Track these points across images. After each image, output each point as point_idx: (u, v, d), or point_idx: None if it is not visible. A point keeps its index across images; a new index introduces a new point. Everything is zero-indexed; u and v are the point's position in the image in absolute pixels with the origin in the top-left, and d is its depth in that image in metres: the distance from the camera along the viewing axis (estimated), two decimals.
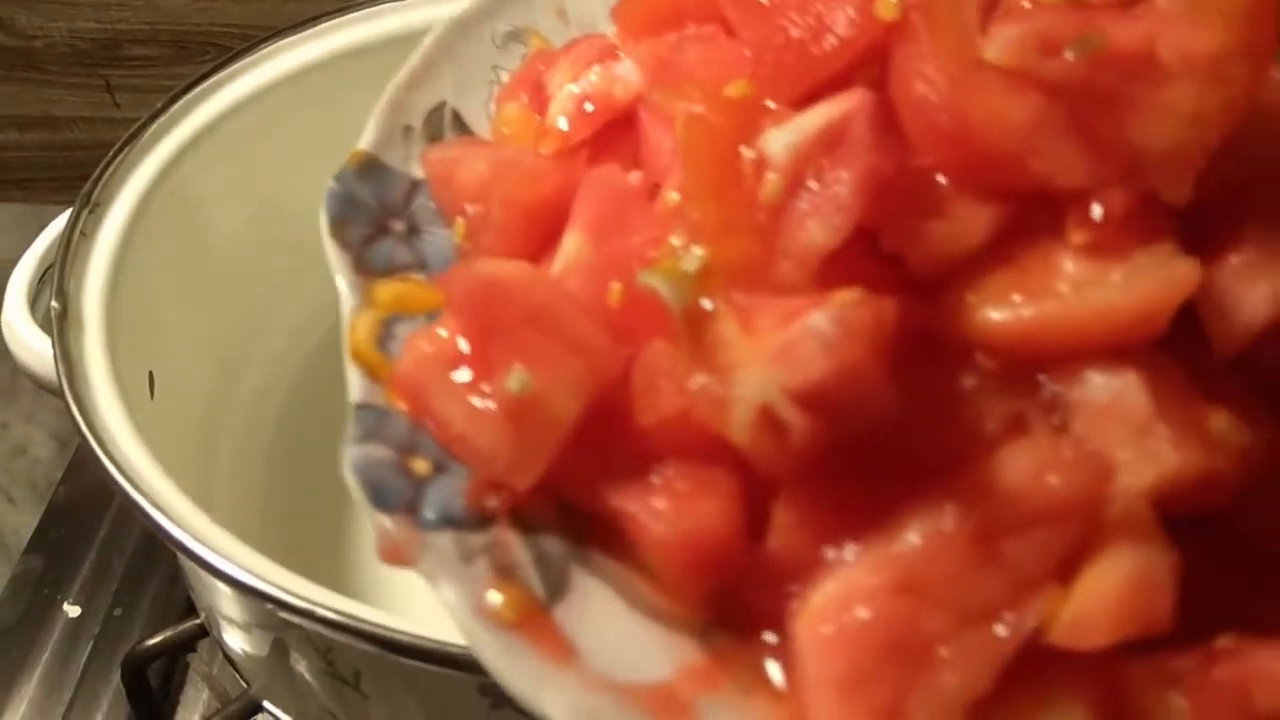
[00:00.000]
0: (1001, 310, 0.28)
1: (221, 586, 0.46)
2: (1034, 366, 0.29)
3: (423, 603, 0.33)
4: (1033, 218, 0.29)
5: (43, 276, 0.58)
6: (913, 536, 0.28)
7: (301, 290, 0.68)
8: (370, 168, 0.40)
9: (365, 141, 0.41)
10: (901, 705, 0.27)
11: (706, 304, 0.29)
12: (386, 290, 0.37)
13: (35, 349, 0.54)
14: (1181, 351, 0.29)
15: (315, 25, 0.65)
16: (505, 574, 0.30)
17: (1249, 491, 0.28)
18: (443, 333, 0.32)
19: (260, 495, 0.65)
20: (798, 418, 0.27)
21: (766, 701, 0.29)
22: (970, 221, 0.29)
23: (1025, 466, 0.28)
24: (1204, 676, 0.27)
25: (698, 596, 0.30)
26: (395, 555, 0.31)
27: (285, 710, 0.57)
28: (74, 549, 0.75)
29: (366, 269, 0.38)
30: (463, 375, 0.31)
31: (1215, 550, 0.29)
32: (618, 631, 0.30)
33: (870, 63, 0.30)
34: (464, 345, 0.31)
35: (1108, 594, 0.27)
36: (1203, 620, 0.27)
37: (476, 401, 0.31)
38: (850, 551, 0.28)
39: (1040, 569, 0.27)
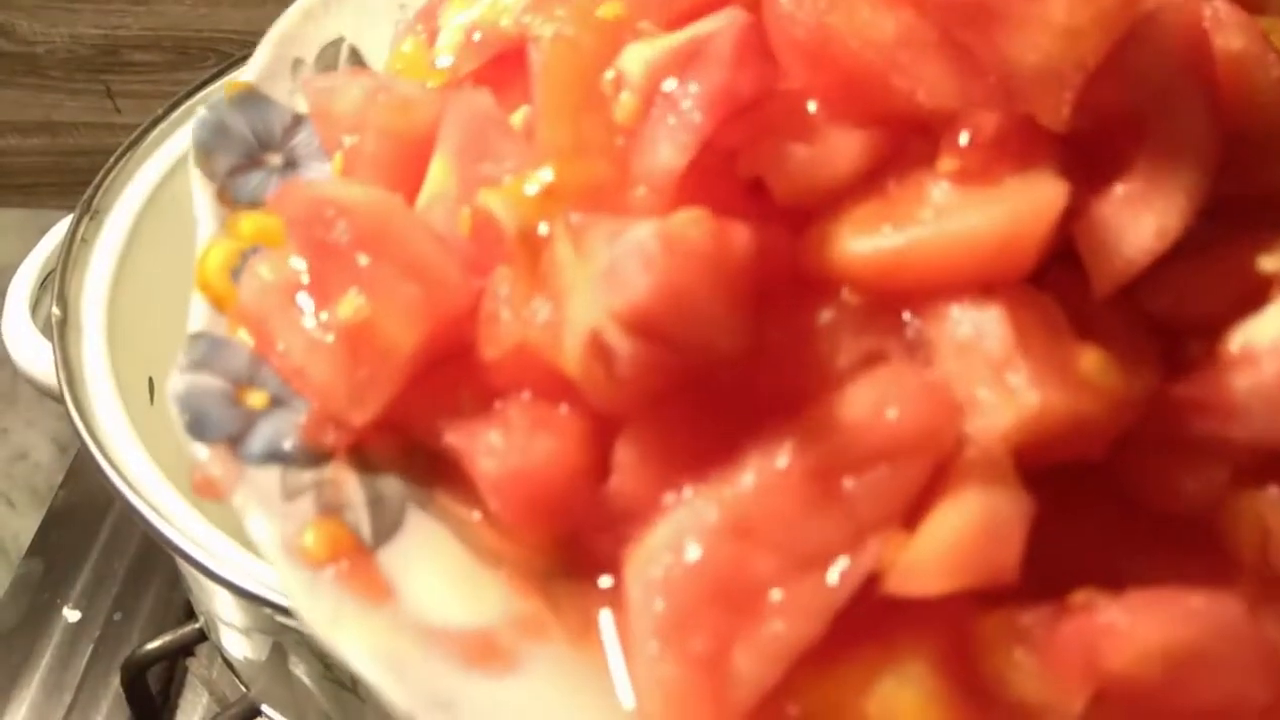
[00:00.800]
0: (863, 240, 0.27)
1: (221, 591, 0.47)
2: (897, 301, 0.27)
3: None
4: (906, 146, 0.27)
5: (43, 282, 0.58)
6: (748, 477, 0.26)
7: None
8: (249, 98, 0.38)
9: (248, 72, 0.39)
10: (725, 652, 0.25)
11: (543, 228, 0.27)
12: (250, 221, 0.35)
13: (36, 354, 0.54)
14: (1063, 290, 0.27)
15: None
16: (329, 512, 0.28)
17: (1126, 440, 0.26)
18: (288, 259, 0.30)
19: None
20: (625, 344, 0.25)
21: (594, 650, 0.27)
22: (838, 149, 0.27)
23: (866, 400, 0.26)
24: (1052, 631, 0.25)
25: (537, 540, 0.28)
26: (208, 488, 0.29)
27: (284, 714, 0.57)
28: (74, 554, 0.75)
29: (231, 200, 0.36)
30: (301, 303, 0.29)
31: (1087, 500, 0.27)
32: (447, 576, 0.28)
33: None
34: (303, 271, 0.29)
35: (948, 539, 0.25)
36: (1065, 575, 0.25)
37: (315, 331, 0.29)
38: (688, 493, 0.26)
39: (881, 512, 0.25)
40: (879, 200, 0.27)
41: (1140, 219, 0.26)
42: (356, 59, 0.41)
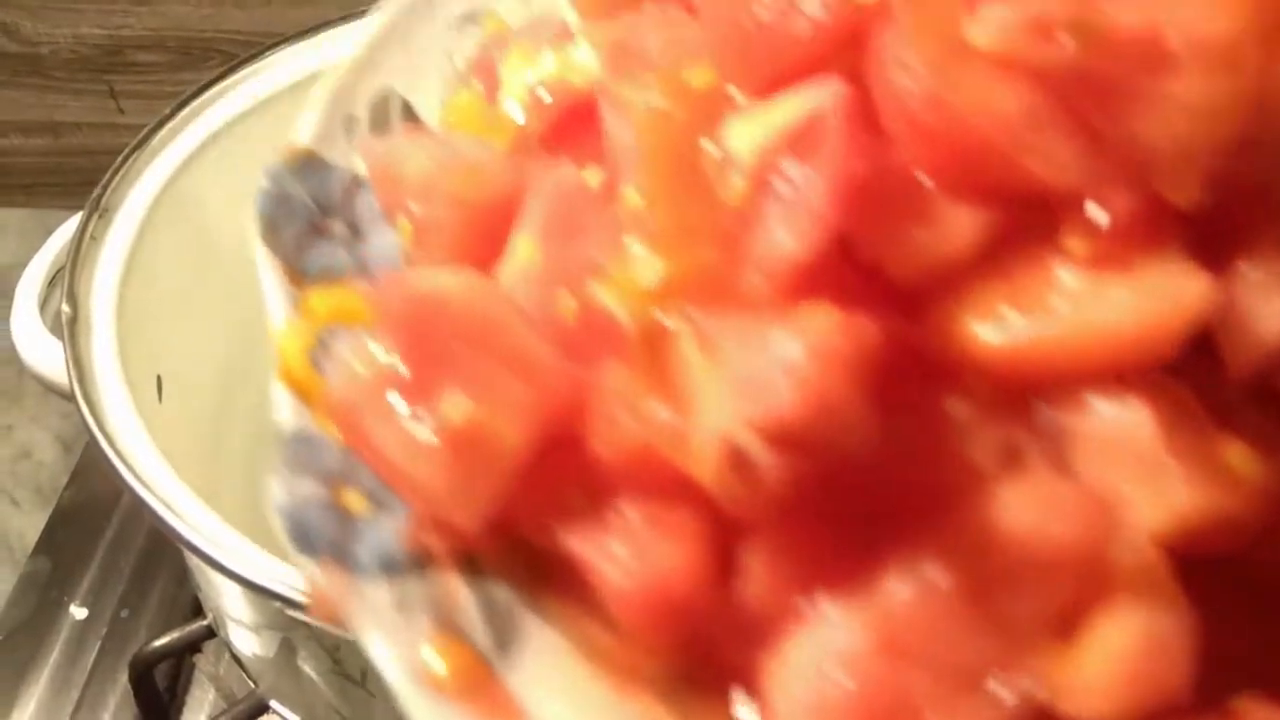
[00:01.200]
0: (994, 329, 0.25)
1: (230, 586, 0.47)
2: (1029, 390, 0.26)
3: None
4: (1026, 223, 0.26)
5: (51, 280, 0.58)
6: (898, 589, 0.24)
7: None
8: (308, 163, 0.36)
9: (303, 134, 0.37)
10: None
11: (665, 322, 0.26)
12: (322, 299, 0.33)
13: (45, 351, 0.55)
14: (1191, 372, 0.26)
15: (322, 32, 0.65)
16: (447, 627, 0.27)
17: (1266, 531, 0.25)
18: (377, 350, 0.28)
19: (268, 494, 0.65)
20: (768, 456, 0.24)
21: None
22: (956, 227, 0.26)
23: (1024, 510, 0.24)
24: None
25: (661, 647, 0.27)
26: (326, 610, 0.27)
27: (292, 710, 0.57)
28: (81, 551, 0.75)
29: (300, 276, 0.34)
30: (400, 400, 0.27)
31: (1225, 597, 0.26)
32: (572, 689, 0.27)
33: (846, 46, 0.27)
34: (401, 365, 0.28)
35: (1113, 659, 0.24)
36: (1215, 677, 0.24)
37: (416, 430, 0.27)
38: (828, 603, 0.25)
39: (1039, 625, 0.24)
40: (1001, 282, 0.26)
41: (1276, 301, 0.25)
42: (409, 113, 0.39)
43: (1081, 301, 0.25)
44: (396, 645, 0.27)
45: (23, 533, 0.85)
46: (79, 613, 0.73)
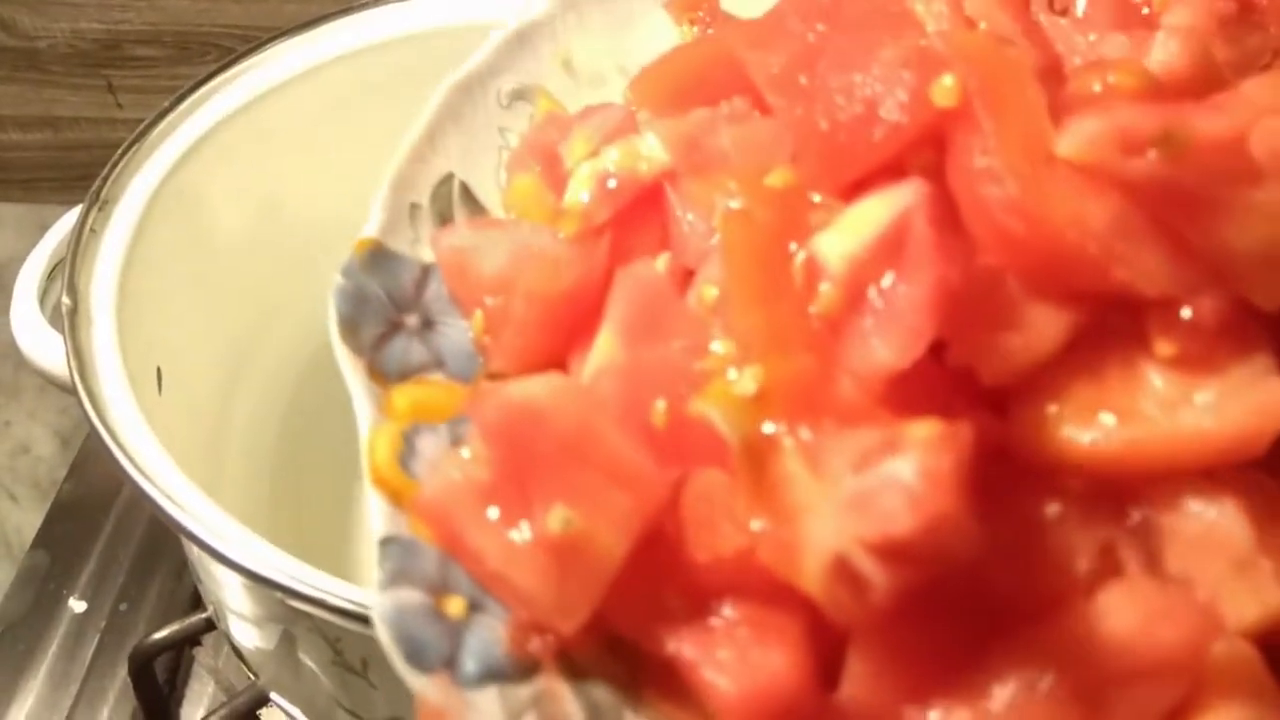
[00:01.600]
0: (1086, 432, 0.26)
1: (232, 577, 0.47)
2: (1121, 490, 0.26)
3: None
4: (1113, 324, 0.26)
5: (51, 274, 0.59)
6: (1005, 694, 0.24)
7: (305, 287, 0.68)
8: (378, 257, 0.36)
9: (370, 227, 0.37)
10: None
11: (768, 428, 0.26)
12: (404, 396, 0.34)
13: (45, 345, 0.55)
14: (1273, 465, 0.26)
15: (320, 26, 0.65)
16: None
17: None
18: (471, 458, 0.28)
19: (268, 488, 0.65)
20: (878, 571, 0.24)
21: None
22: (1043, 328, 0.26)
23: (1126, 614, 0.25)
24: None
25: None
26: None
27: (293, 701, 0.57)
28: (80, 545, 0.75)
29: (381, 374, 0.34)
30: (497, 508, 0.28)
31: None
32: None
33: (925, 146, 0.27)
34: (496, 474, 0.28)
35: None
36: None
37: (514, 536, 0.27)
38: (935, 708, 0.25)
39: None
40: (1091, 382, 0.26)
41: None
42: (468, 196, 0.39)
43: (1171, 404, 0.26)
44: None
45: (21, 527, 0.85)
46: (78, 606, 0.73)
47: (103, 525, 0.76)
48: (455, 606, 0.29)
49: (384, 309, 0.36)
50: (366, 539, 0.64)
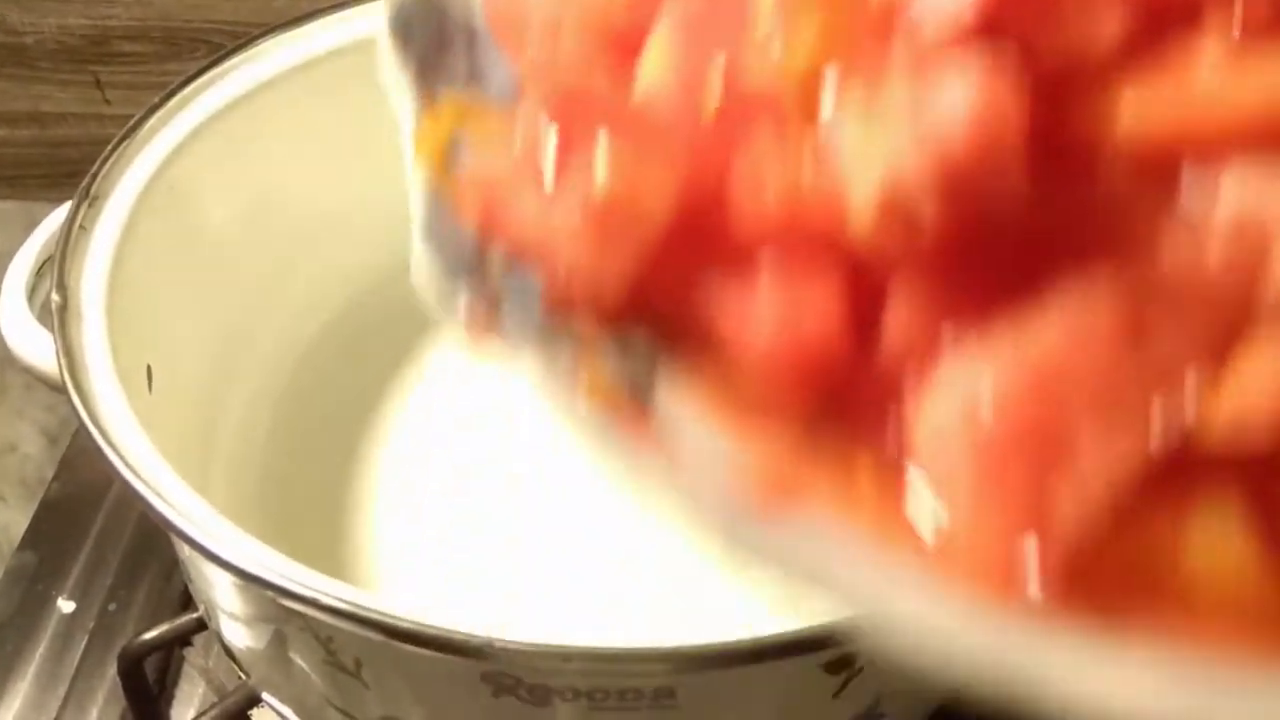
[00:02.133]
0: (1140, 106, 0.25)
1: (223, 576, 0.47)
2: (1177, 161, 0.25)
3: (423, 589, 0.32)
4: (1174, 13, 0.26)
5: (39, 270, 0.58)
6: (1050, 329, 0.24)
7: (297, 284, 0.68)
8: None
9: None
10: (1044, 497, 0.24)
11: (824, 73, 0.26)
12: (450, 103, 0.33)
13: (34, 341, 0.54)
14: None
15: (310, 22, 0.65)
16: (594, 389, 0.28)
17: None
18: (519, 137, 0.29)
19: (257, 486, 0.65)
20: (930, 201, 0.24)
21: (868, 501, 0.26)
22: (1104, 14, 0.25)
23: (1177, 246, 0.24)
24: None
25: (798, 403, 0.27)
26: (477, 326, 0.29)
27: (284, 701, 0.57)
28: (68, 545, 0.75)
29: (429, 88, 0.34)
30: (542, 176, 0.28)
31: None
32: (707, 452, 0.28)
33: None
34: (544, 148, 0.28)
35: (1269, 390, 0.23)
36: None
37: (557, 204, 0.28)
38: (976, 347, 0.25)
39: (1190, 361, 0.24)
40: (1148, 69, 0.26)
41: None
42: None
43: (1229, 75, 0.25)
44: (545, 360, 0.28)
45: (8, 527, 0.85)
46: (66, 606, 0.72)
47: (91, 524, 0.76)
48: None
49: (433, 30, 0.36)
50: (358, 538, 0.64)
